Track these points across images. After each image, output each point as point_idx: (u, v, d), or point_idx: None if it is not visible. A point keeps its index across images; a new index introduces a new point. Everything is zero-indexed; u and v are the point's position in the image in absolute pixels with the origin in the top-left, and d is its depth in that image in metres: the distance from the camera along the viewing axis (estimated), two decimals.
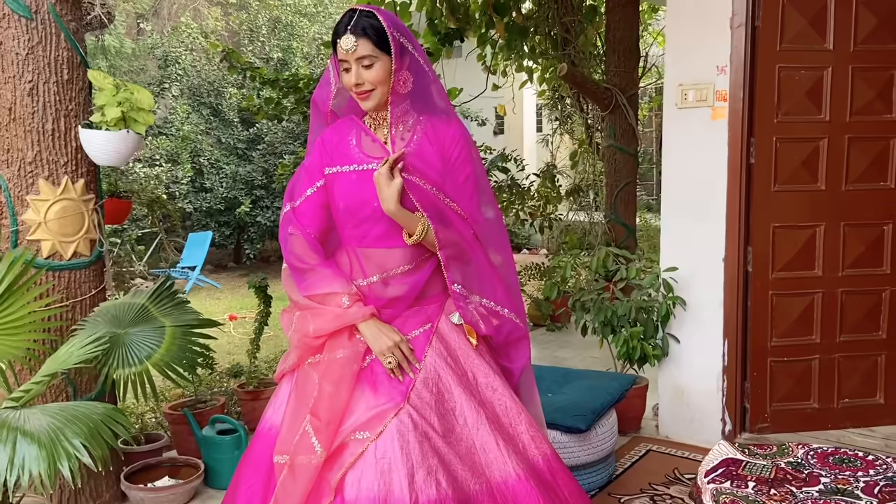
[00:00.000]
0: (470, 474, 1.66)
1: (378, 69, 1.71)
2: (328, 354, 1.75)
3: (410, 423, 1.65)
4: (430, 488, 1.60)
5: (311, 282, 1.78)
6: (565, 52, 6.02)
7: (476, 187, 1.82)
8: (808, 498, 1.88)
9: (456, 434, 1.70)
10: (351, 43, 1.69)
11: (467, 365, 1.80)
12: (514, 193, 5.86)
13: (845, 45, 3.06)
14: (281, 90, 4.51)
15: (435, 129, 1.79)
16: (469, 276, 1.79)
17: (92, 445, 1.91)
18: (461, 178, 1.80)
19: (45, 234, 2.59)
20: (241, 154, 9.77)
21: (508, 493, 1.68)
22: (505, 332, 1.85)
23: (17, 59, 2.54)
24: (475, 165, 1.83)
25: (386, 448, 1.63)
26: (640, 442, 3.31)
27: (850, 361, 3.27)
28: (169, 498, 2.78)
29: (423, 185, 1.76)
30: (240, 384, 3.70)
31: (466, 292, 1.78)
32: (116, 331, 2.47)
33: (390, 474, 1.60)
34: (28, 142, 2.57)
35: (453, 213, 1.78)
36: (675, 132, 3.26)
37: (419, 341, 1.77)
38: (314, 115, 1.91)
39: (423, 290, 1.81)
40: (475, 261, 1.81)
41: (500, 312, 1.83)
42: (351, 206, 1.78)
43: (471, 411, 1.73)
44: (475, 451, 1.70)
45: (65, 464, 1.82)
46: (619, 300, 3.40)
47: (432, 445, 1.65)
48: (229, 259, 10.45)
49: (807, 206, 3.17)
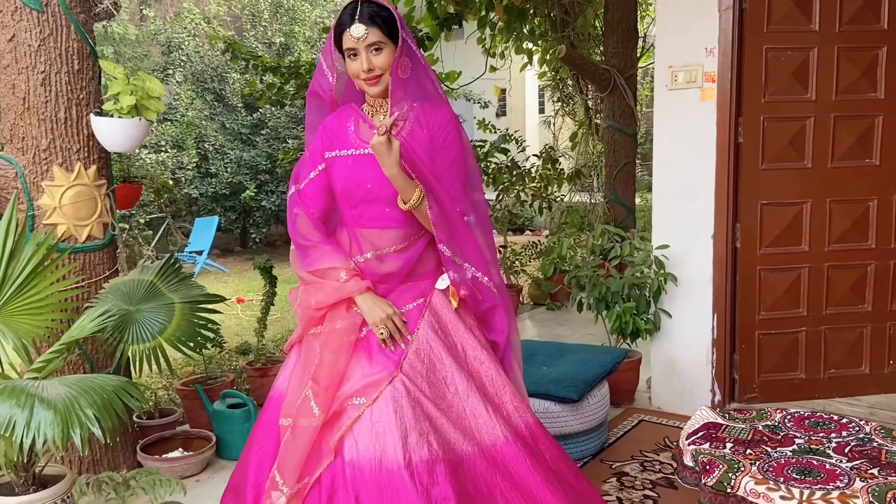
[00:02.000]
0: (461, 437, 1.79)
1: (386, 55, 1.83)
2: (328, 325, 1.88)
3: (403, 390, 1.78)
4: (423, 449, 1.73)
5: (314, 258, 1.92)
6: (564, 33, 6.08)
7: (462, 170, 1.92)
8: (781, 457, 2.01)
9: (447, 401, 1.83)
10: (362, 31, 1.80)
11: (457, 338, 1.92)
12: (514, 175, 5.96)
13: (831, 26, 3.14)
14: (283, 76, 4.61)
15: (426, 115, 1.89)
16: (454, 243, 1.89)
17: (103, 416, 2.03)
18: (448, 159, 1.90)
19: (60, 218, 2.71)
20: (245, 139, 9.88)
21: (497, 453, 1.81)
22: (484, 298, 1.96)
23: (29, 51, 2.65)
24: (462, 149, 1.92)
25: (381, 413, 1.76)
26: (632, 413, 3.44)
27: (837, 333, 3.38)
28: (183, 468, 2.92)
29: (420, 164, 1.86)
30: (248, 362, 3.84)
31: (451, 254, 1.89)
32: (128, 307, 2.60)
33: (385, 436, 1.73)
34: (42, 130, 2.69)
35: (441, 190, 1.88)
36: (666, 113, 3.36)
37: (412, 314, 1.90)
38: (314, 105, 2.01)
39: (414, 266, 1.93)
40: (459, 232, 1.91)
41: (480, 280, 1.94)
42: (347, 188, 1.90)
43: (461, 381, 1.85)
44: (465, 416, 1.82)
45: (77, 431, 1.95)
46: (613, 277, 3.52)
47: (424, 411, 1.78)
48: (236, 243, 10.60)
49: (794, 184, 3.27)
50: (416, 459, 1.71)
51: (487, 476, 1.77)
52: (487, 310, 1.98)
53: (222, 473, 2.97)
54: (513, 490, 1.77)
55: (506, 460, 1.82)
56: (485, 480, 1.76)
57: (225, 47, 4.71)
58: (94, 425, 1.96)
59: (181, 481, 2.07)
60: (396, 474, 1.69)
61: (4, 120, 2.75)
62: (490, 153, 5.80)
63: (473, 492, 1.74)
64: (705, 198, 3.27)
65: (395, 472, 1.70)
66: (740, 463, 1.97)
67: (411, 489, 1.67)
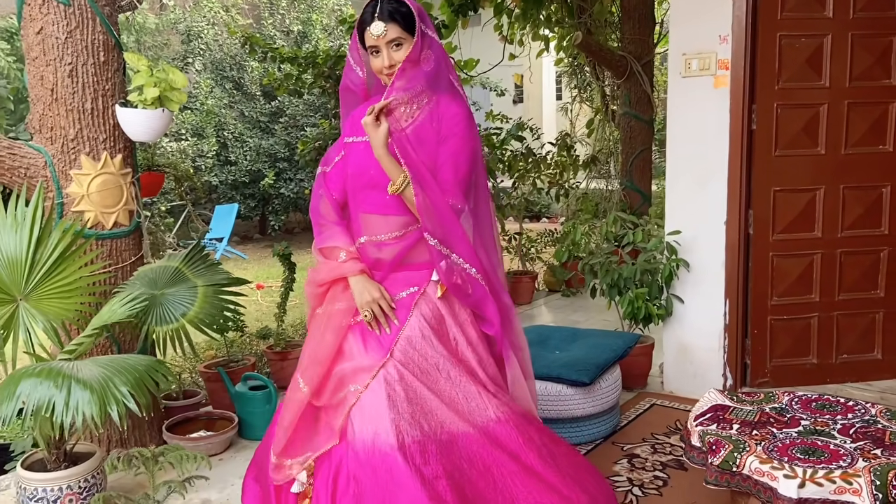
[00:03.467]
0: (454, 417, 1.87)
1: (406, 50, 1.90)
2: (328, 306, 2.00)
3: (396, 375, 1.87)
4: (415, 430, 1.82)
5: (324, 236, 2.03)
6: (581, 19, 6.08)
7: (463, 164, 1.94)
8: (786, 438, 2.06)
9: (439, 386, 1.90)
10: (381, 28, 1.88)
11: (450, 328, 1.99)
12: (530, 162, 5.99)
13: (845, 13, 3.15)
14: (300, 66, 4.68)
15: (439, 107, 1.96)
16: (441, 232, 1.91)
17: (137, 393, 2.14)
18: (447, 152, 1.94)
19: (87, 205, 2.81)
20: (263, 127, 9.98)
21: (490, 432, 1.89)
22: (473, 290, 1.96)
23: (56, 43, 2.74)
24: (465, 144, 1.95)
25: (374, 397, 1.86)
26: (645, 397, 3.50)
27: (849, 319, 3.40)
28: (206, 447, 3.02)
29: (412, 153, 1.91)
30: (268, 346, 3.94)
31: (437, 243, 1.91)
32: (153, 291, 2.70)
33: (377, 420, 1.83)
34: (70, 120, 2.78)
35: (432, 180, 1.90)
36: (679, 101, 3.39)
37: (405, 302, 1.97)
38: (348, 99, 2.10)
39: (408, 255, 1.99)
40: (447, 223, 1.92)
41: (467, 270, 1.94)
42: (355, 172, 2.00)
43: (452, 367, 1.92)
44: (458, 400, 1.90)
45: (114, 408, 2.05)
46: (626, 263, 3.56)
47: (417, 394, 1.86)
48: (255, 230, 10.73)
49: (807, 170, 3.29)
50: (409, 440, 1.80)
51: (483, 452, 1.85)
52: (477, 301, 1.99)
53: (244, 453, 3.08)
54: (512, 462, 1.85)
55: (498, 438, 1.89)
56: (481, 457, 1.85)
57: (243, 40, 4.78)
58: (129, 402, 2.05)
59: (207, 457, 2.16)
60: (390, 455, 1.79)
61: (33, 111, 2.84)
62: (506, 141, 5.84)
63: (469, 468, 1.82)
64: (718, 184, 3.30)
65: (389, 453, 1.79)
66: (746, 443, 2.02)
67: (405, 469, 1.76)
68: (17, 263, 2.44)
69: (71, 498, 2.40)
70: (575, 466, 1.97)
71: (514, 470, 1.86)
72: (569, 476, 1.92)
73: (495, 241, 2.11)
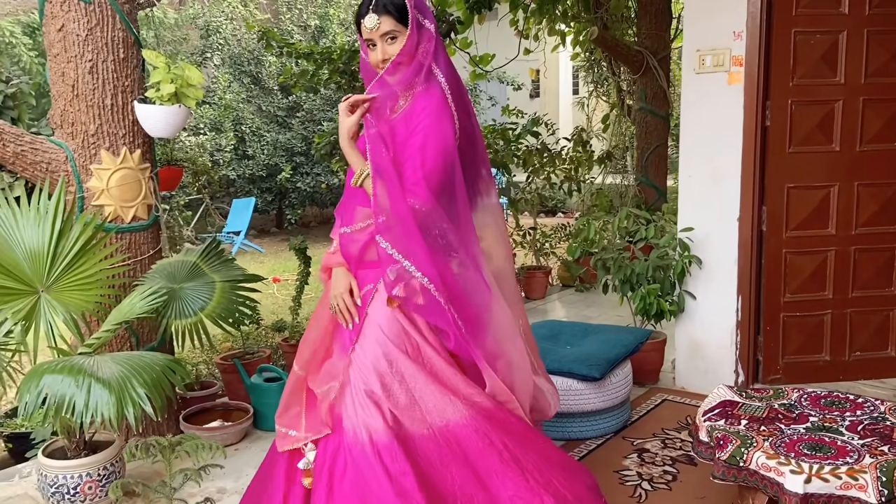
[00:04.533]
0: (411, 419, 1.85)
1: (401, 43, 1.87)
2: (326, 292, 2.04)
3: (359, 381, 1.87)
4: (380, 429, 1.82)
5: (336, 223, 2.07)
6: (597, 14, 6.07)
7: (430, 159, 1.83)
8: (794, 434, 2.07)
9: (394, 388, 1.86)
10: (374, 21, 1.85)
11: (407, 327, 1.90)
12: (544, 157, 6.00)
13: (860, 9, 3.13)
14: (316, 62, 4.72)
15: (416, 99, 1.88)
16: (393, 234, 1.82)
17: (154, 395, 2.20)
18: (414, 146, 1.84)
19: (107, 199, 2.87)
20: (281, 122, 10.05)
21: (450, 435, 1.86)
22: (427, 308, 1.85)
23: (77, 41, 2.80)
24: (437, 136, 1.83)
25: (344, 397, 1.90)
26: (656, 392, 3.51)
27: (862, 316, 3.39)
28: (223, 437, 3.08)
29: (382, 147, 1.85)
30: (284, 338, 3.99)
31: (388, 246, 1.83)
32: (172, 286, 2.75)
33: (353, 416, 1.87)
34: (90, 116, 2.84)
35: (394, 177, 1.82)
36: (693, 97, 3.38)
37: (364, 299, 1.94)
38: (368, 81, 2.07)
39: (363, 251, 1.93)
40: (403, 225, 1.82)
41: (421, 282, 1.82)
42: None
43: (406, 367, 1.87)
44: (415, 402, 1.86)
45: (130, 410, 2.11)
46: (638, 259, 3.57)
47: (373, 399, 1.85)
48: (272, 224, 10.82)
49: (821, 167, 3.28)
50: (376, 438, 1.81)
51: (441, 454, 1.84)
52: (429, 313, 1.86)
53: (259, 443, 3.13)
54: (467, 468, 1.84)
55: (459, 441, 1.86)
56: (439, 457, 1.84)
57: (260, 35, 4.83)
58: (145, 404, 2.11)
59: (222, 447, 2.21)
60: (357, 451, 1.82)
61: (55, 106, 2.90)
62: (521, 135, 5.85)
63: (427, 468, 1.82)
64: (732, 181, 3.30)
65: (357, 449, 1.82)
66: (753, 438, 2.04)
67: (375, 466, 1.79)
68: (40, 256, 2.50)
69: (90, 485, 2.46)
70: (543, 467, 1.89)
71: (469, 475, 1.83)
72: (533, 478, 1.86)
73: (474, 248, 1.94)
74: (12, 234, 2.50)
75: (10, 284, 2.41)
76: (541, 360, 2.24)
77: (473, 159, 2.03)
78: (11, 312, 2.38)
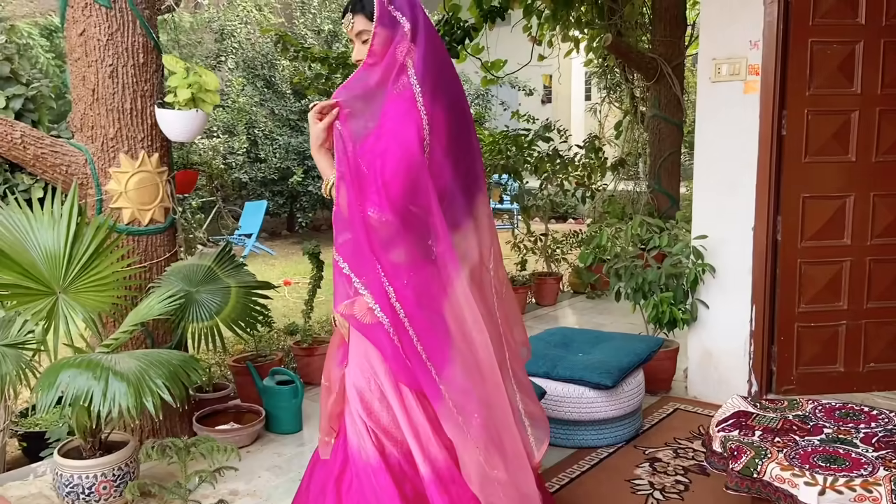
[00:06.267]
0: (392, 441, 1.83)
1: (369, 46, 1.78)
2: None
3: (351, 395, 1.87)
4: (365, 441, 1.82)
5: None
6: (611, 21, 6.08)
7: (392, 164, 1.72)
8: (808, 445, 2.06)
9: (374, 408, 1.83)
10: (349, 20, 1.80)
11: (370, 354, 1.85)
12: (557, 164, 6.00)
13: (877, 20, 3.12)
14: (331, 66, 4.75)
15: (387, 102, 1.77)
16: (345, 249, 1.76)
17: (172, 385, 2.21)
18: (378, 150, 1.75)
19: (125, 202, 2.90)
20: (293, 125, 10.10)
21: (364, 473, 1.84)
22: (378, 343, 1.77)
23: (98, 45, 2.83)
24: (398, 142, 1.73)
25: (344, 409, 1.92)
26: (668, 401, 3.50)
27: (878, 327, 3.37)
28: (235, 439, 3.09)
29: (344, 154, 1.77)
30: (296, 342, 4.02)
31: (340, 260, 1.77)
32: (189, 289, 2.78)
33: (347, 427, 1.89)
34: (110, 120, 2.87)
35: (355, 186, 1.73)
36: (709, 105, 3.38)
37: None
38: None
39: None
40: (356, 240, 1.75)
41: (369, 304, 1.74)
42: None
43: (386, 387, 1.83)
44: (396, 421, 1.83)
45: (149, 400, 2.13)
46: (651, 267, 3.57)
47: (360, 417, 1.84)
48: (283, 227, 10.87)
49: (837, 177, 3.27)
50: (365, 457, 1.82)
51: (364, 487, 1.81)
52: (374, 342, 1.77)
53: (271, 446, 3.15)
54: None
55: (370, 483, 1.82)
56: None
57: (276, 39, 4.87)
58: (164, 393, 2.12)
59: (237, 448, 2.22)
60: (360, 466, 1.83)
61: (75, 110, 2.94)
62: (533, 141, 5.86)
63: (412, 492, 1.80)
64: (746, 190, 3.29)
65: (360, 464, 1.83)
66: (768, 450, 2.03)
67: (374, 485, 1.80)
68: (56, 258, 2.53)
69: (105, 485, 2.48)
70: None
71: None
72: None
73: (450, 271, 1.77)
74: (29, 236, 2.53)
75: (29, 285, 2.44)
76: (535, 398, 2.08)
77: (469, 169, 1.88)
78: (32, 313, 2.40)
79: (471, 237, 1.87)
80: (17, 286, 2.41)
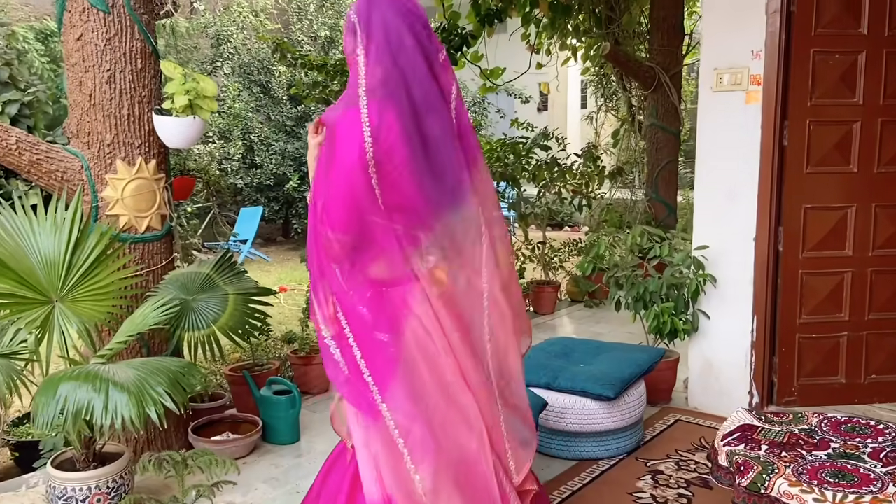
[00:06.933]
0: None
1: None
2: None
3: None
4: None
5: None
6: (609, 30, 6.08)
7: (336, 184, 1.68)
8: (815, 460, 2.04)
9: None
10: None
11: None
12: (555, 172, 5.99)
13: (880, 30, 3.12)
14: (328, 74, 4.72)
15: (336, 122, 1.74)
16: (310, 266, 1.78)
17: (173, 392, 2.16)
18: (333, 171, 1.71)
19: (122, 209, 2.86)
20: (289, 131, 10.07)
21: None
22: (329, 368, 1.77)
23: (96, 50, 2.79)
24: (340, 161, 1.68)
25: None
26: (669, 412, 3.47)
27: (879, 339, 3.36)
28: (231, 450, 3.05)
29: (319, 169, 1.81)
30: (293, 350, 3.97)
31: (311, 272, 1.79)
32: (185, 297, 2.74)
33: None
34: (106, 125, 2.83)
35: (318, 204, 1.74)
36: (710, 115, 3.37)
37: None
38: None
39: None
40: (311, 258, 1.77)
41: (320, 332, 1.75)
42: None
43: None
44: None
45: (152, 409, 2.08)
46: (651, 277, 3.55)
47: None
48: (278, 233, 10.82)
49: (839, 188, 3.25)
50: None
51: None
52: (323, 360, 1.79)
53: (268, 457, 3.10)
54: None
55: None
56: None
57: (273, 46, 4.84)
58: (167, 401, 2.08)
59: (235, 462, 2.18)
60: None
61: (71, 115, 2.90)
62: (531, 149, 5.85)
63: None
64: (748, 200, 3.28)
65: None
66: (775, 465, 2.00)
67: None
68: (55, 265, 2.48)
69: (99, 497, 2.44)
70: None
71: None
72: None
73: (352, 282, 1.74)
74: (28, 242, 2.48)
75: (25, 294, 2.40)
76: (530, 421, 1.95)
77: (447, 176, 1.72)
78: (26, 322, 2.36)
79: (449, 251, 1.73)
80: (13, 295, 2.37)
